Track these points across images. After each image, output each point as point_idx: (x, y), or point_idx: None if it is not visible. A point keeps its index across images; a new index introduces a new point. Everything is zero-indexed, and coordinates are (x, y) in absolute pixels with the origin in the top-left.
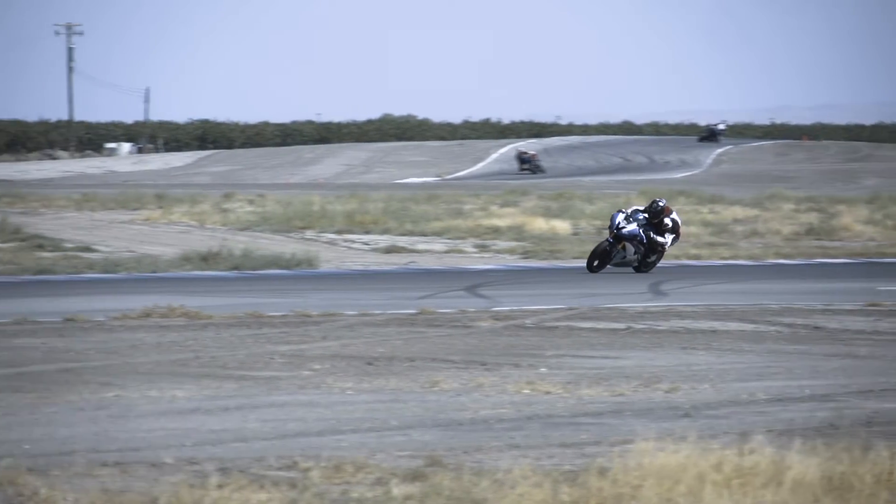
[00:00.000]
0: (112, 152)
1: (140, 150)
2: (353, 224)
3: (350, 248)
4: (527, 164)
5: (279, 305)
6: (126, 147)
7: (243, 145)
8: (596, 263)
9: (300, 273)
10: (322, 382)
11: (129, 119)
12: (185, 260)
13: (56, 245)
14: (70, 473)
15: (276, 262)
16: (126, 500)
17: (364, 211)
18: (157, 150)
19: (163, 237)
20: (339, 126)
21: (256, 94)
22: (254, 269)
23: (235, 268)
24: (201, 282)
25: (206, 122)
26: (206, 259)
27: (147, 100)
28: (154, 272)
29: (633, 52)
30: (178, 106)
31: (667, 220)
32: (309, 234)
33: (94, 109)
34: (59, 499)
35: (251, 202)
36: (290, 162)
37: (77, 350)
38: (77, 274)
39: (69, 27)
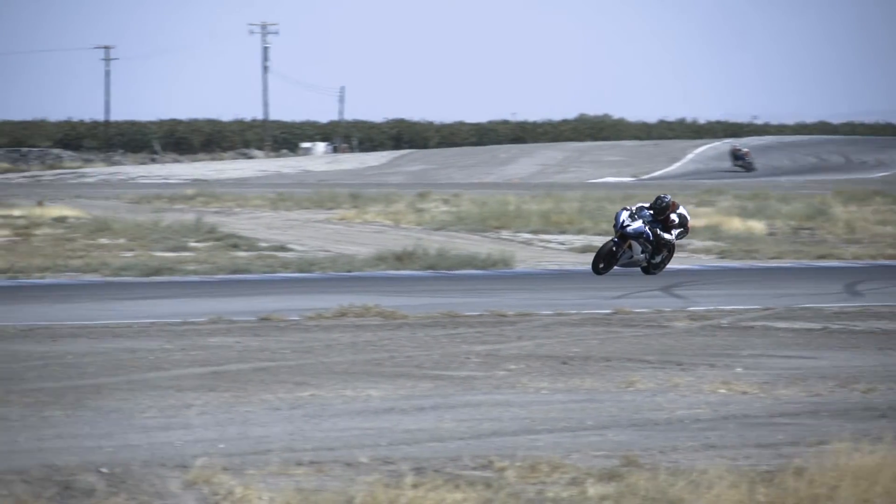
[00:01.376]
0: (307, 152)
1: (335, 150)
2: (549, 224)
3: (546, 248)
4: (740, 160)
5: (474, 305)
6: (321, 146)
7: (438, 145)
8: (602, 265)
9: (495, 273)
10: (517, 382)
11: (323, 118)
12: (380, 259)
13: (251, 244)
14: (265, 472)
15: (471, 261)
16: (321, 500)
17: (559, 211)
18: (351, 150)
19: (357, 237)
20: (535, 126)
21: (452, 94)
22: (449, 269)
23: (430, 267)
24: (396, 281)
25: (401, 121)
26: (401, 259)
27: (342, 99)
28: (349, 272)
29: (830, 52)
30: (373, 105)
31: (673, 216)
32: (504, 233)
33: (289, 109)
34: (254, 498)
35: (446, 202)
36: (485, 161)
37: (272, 349)
38: (272, 273)
39: (264, 26)
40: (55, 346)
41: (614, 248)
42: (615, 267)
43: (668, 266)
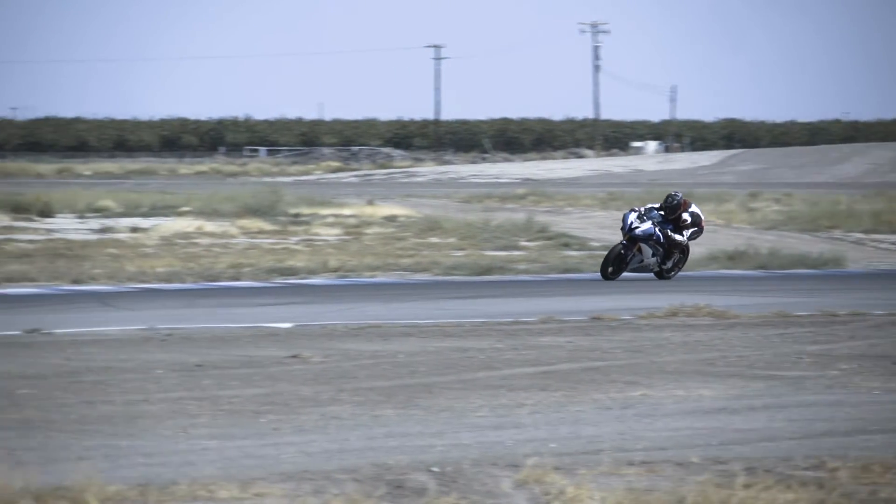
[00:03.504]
0: (638, 151)
1: (666, 149)
2: (881, 224)
3: (877, 248)
4: None
5: (805, 305)
6: (652, 146)
7: (769, 144)
8: (611, 270)
9: (827, 272)
10: (849, 382)
11: (655, 118)
12: (712, 259)
13: (582, 244)
14: (596, 472)
15: (802, 261)
16: (652, 500)
17: (892, 210)
18: (682, 149)
19: None
20: (867, 125)
21: (783, 93)
22: (780, 269)
23: (761, 267)
24: (727, 281)
25: (732, 120)
26: (733, 258)
27: (673, 98)
28: None
29: None
30: (704, 105)
31: (685, 216)
32: (835, 233)
33: (619, 108)
34: (585, 497)
35: (777, 201)
36: (815, 161)
37: (603, 349)
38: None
39: (594, 25)
40: (386, 345)
41: (623, 252)
42: (625, 272)
43: None
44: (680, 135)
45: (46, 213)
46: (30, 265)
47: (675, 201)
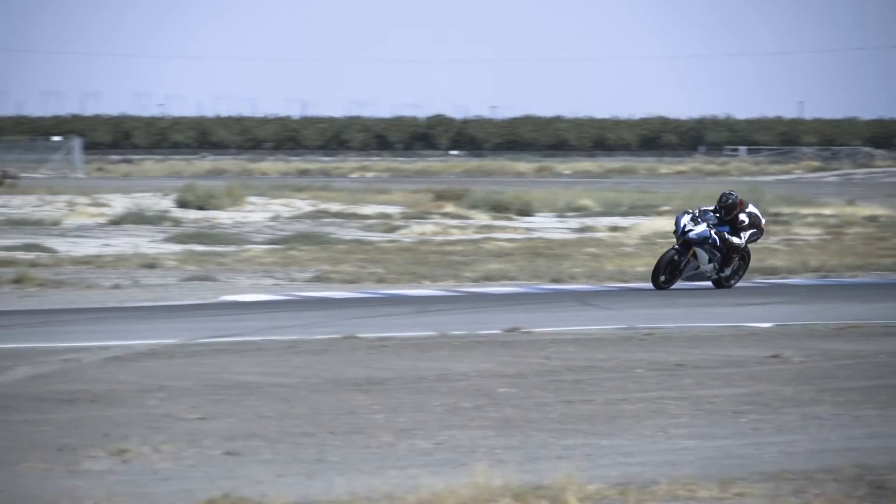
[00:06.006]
0: None
1: None
2: None
3: None
4: None
5: None
6: None
7: None
8: (663, 278)
9: None
10: None
11: None
12: None
13: None
14: None
15: None
16: None
17: None
18: None
19: None
20: None
21: None
22: None
23: None
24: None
25: None
26: None
27: None
28: None
29: None
30: None
31: (742, 216)
32: None
33: None
34: None
35: None
36: None
37: None
38: None
39: None
40: (867, 345)
41: (676, 258)
42: (680, 280)
43: None
44: None
45: (526, 212)
46: (510, 264)
47: (731, 200)
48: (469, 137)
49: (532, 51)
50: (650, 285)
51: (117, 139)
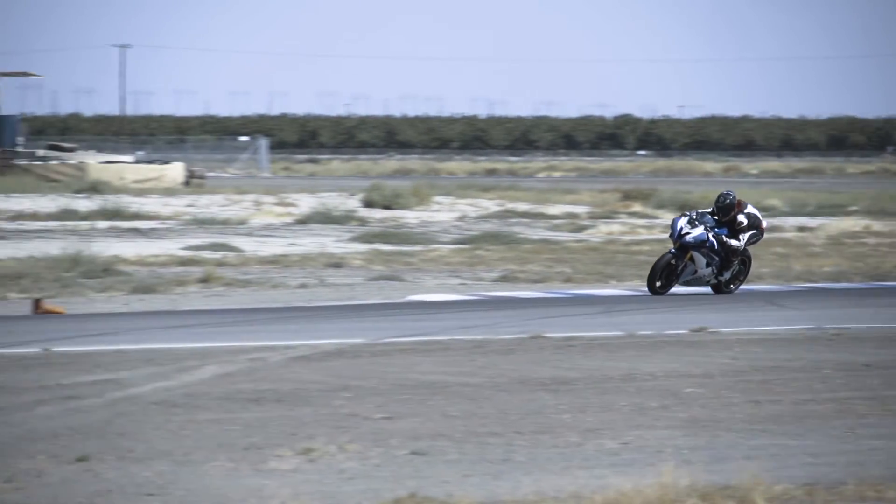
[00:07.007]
0: None
1: None
2: None
3: None
4: None
5: None
6: None
7: None
8: (660, 283)
9: None
10: None
11: None
12: None
13: None
14: None
15: None
16: None
17: None
18: None
19: None
20: None
21: None
22: None
23: None
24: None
25: None
26: None
27: None
28: None
29: None
30: None
31: (740, 217)
32: None
33: None
34: None
35: None
36: None
37: None
38: None
39: None
40: None
41: (673, 262)
42: (677, 285)
43: None
44: None
45: None
46: None
47: (728, 200)
48: (656, 137)
49: (720, 51)
50: (840, 285)
51: (303, 138)
